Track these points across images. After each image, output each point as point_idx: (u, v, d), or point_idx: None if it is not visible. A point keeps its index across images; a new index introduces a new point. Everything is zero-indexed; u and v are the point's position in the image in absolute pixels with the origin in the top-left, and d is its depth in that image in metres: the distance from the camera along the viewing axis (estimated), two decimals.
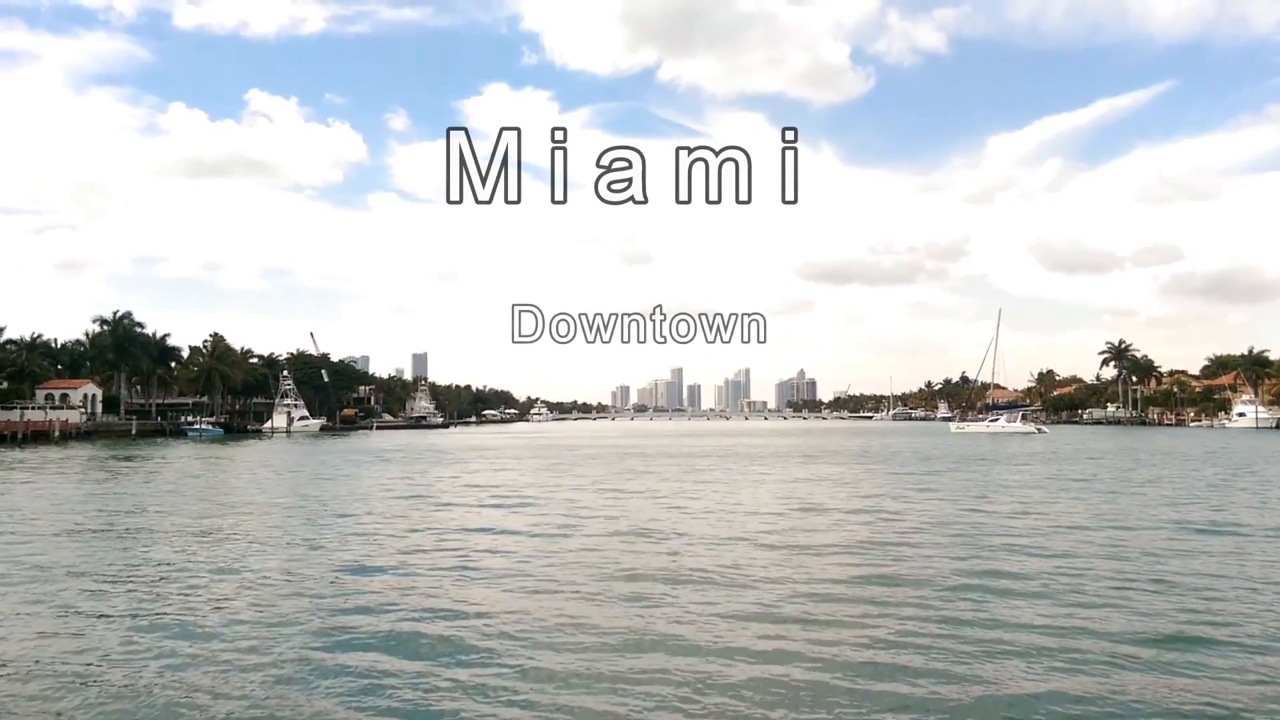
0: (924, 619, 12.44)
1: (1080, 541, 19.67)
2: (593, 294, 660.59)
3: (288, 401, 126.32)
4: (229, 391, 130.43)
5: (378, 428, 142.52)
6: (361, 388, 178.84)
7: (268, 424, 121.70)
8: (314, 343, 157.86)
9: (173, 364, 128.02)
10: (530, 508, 27.43)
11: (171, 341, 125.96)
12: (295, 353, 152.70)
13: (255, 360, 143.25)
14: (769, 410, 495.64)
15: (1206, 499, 29.01)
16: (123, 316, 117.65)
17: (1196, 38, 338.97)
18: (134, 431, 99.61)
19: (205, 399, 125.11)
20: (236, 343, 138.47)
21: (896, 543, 19.60)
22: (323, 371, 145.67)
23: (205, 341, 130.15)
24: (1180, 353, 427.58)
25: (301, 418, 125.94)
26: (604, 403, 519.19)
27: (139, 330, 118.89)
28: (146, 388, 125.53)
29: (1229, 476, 38.68)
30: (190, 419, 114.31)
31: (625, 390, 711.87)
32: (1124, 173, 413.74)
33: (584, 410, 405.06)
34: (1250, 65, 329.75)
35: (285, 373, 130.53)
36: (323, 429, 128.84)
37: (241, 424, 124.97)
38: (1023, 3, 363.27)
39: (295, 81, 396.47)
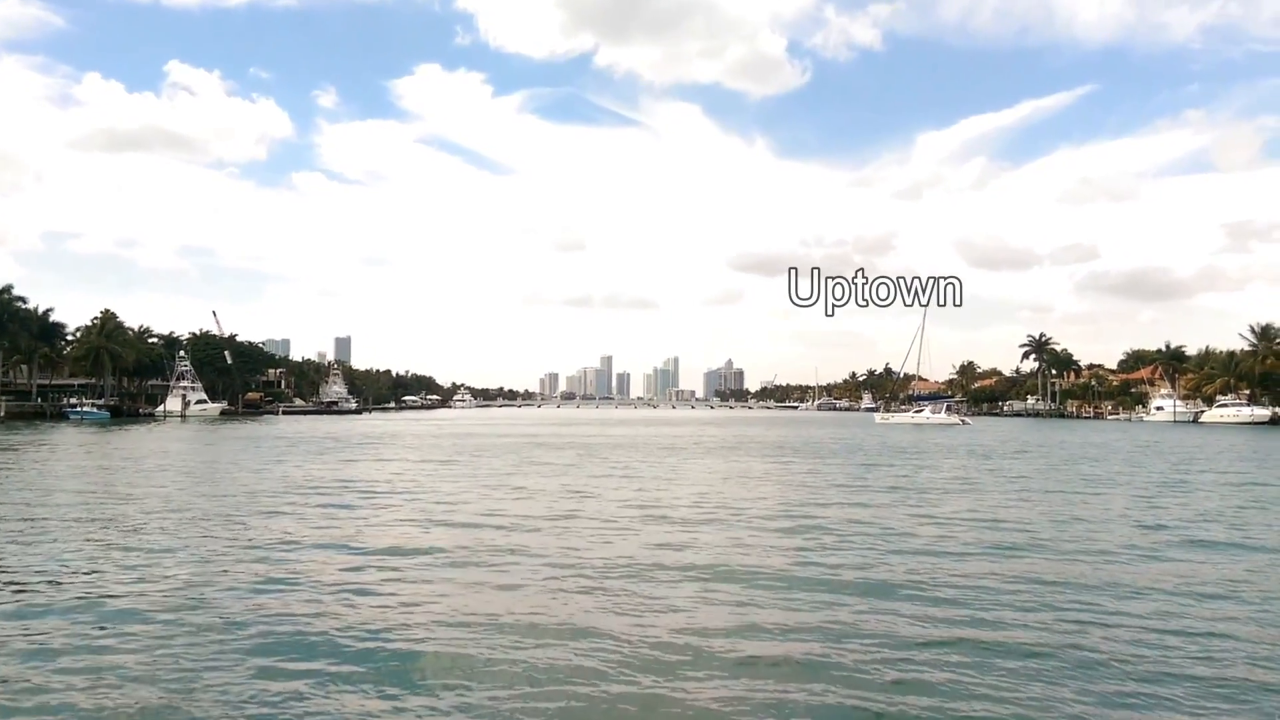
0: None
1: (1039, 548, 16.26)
2: (526, 279, 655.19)
3: (184, 384, 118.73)
4: (121, 373, 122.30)
5: (284, 413, 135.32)
6: (271, 371, 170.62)
7: (160, 407, 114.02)
8: (217, 322, 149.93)
9: (59, 342, 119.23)
10: (389, 509, 23.07)
11: (63, 318, 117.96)
12: (197, 333, 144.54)
13: (154, 340, 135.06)
14: (696, 399, 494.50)
15: (1188, 509, 26.15)
16: (1, 290, 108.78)
17: (1119, 43, 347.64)
18: (2, 413, 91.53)
19: (95, 380, 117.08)
20: (149, 323, 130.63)
21: (828, 561, 15.91)
22: (226, 353, 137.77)
23: (94, 319, 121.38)
24: (1094, 348, 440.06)
25: (199, 401, 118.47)
26: (532, 390, 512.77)
27: (20, 305, 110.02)
28: (30, 367, 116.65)
29: (1182, 475, 36.34)
30: (74, 401, 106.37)
31: (554, 378, 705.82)
32: (1046, 173, 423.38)
33: (510, 397, 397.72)
34: (1169, 71, 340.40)
35: (182, 353, 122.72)
36: (223, 413, 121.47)
37: (133, 407, 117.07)
38: (954, 2, 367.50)
39: (218, 54, 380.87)
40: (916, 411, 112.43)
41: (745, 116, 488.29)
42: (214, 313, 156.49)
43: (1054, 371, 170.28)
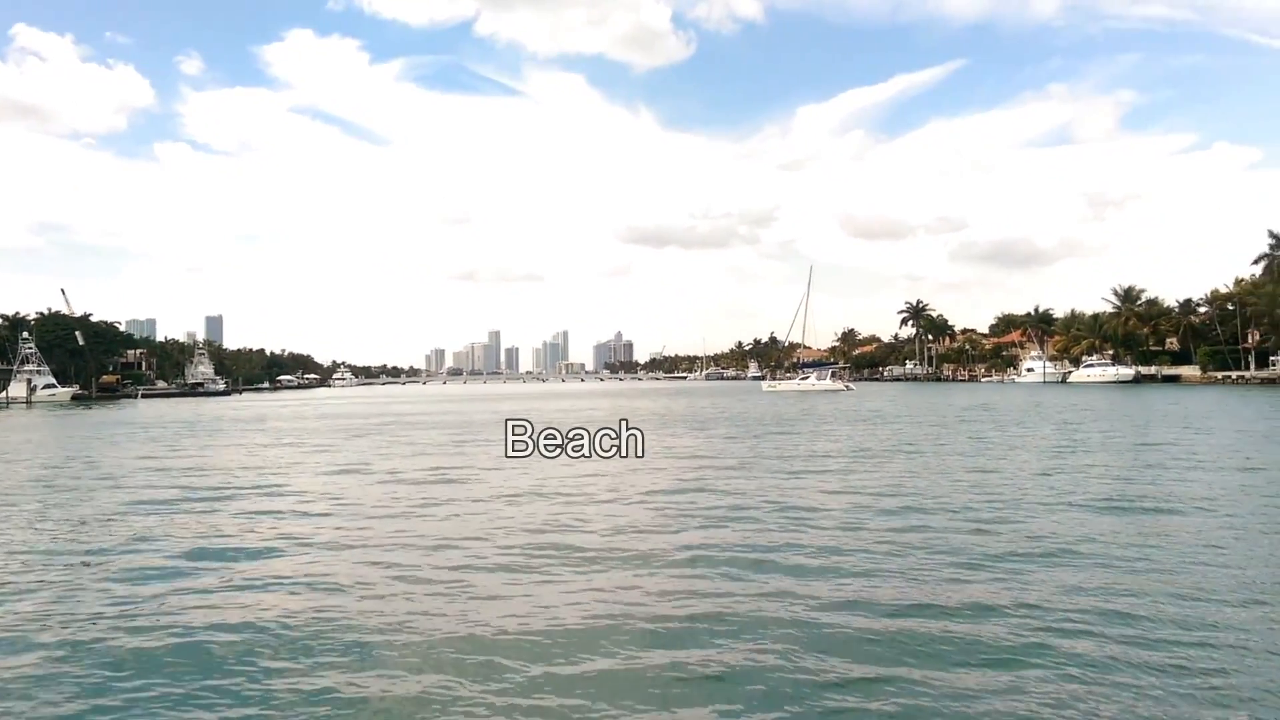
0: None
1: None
2: (410, 254, 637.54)
3: (29, 368, 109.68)
4: None
5: (144, 396, 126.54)
6: (130, 352, 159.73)
7: (2, 394, 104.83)
8: (66, 301, 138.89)
9: None
10: (230, 501, 20.11)
11: None
12: (45, 313, 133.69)
13: None
14: (586, 372, 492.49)
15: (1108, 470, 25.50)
16: None
17: (987, 19, 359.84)
18: None
19: None
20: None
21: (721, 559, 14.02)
22: (77, 333, 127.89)
23: None
24: (968, 314, 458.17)
25: (46, 385, 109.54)
26: (417, 366, 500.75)
27: None
28: None
29: (1074, 437, 36.33)
30: None
31: (440, 354, 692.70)
32: (919, 145, 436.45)
33: (394, 374, 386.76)
34: (1033, 46, 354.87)
35: (25, 335, 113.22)
36: (75, 398, 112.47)
37: None
38: None
39: (70, 17, 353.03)
40: (802, 379, 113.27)
41: (630, 87, 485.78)
42: (63, 291, 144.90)
43: (930, 337, 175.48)
